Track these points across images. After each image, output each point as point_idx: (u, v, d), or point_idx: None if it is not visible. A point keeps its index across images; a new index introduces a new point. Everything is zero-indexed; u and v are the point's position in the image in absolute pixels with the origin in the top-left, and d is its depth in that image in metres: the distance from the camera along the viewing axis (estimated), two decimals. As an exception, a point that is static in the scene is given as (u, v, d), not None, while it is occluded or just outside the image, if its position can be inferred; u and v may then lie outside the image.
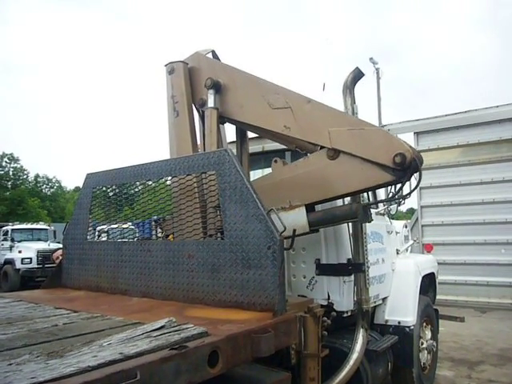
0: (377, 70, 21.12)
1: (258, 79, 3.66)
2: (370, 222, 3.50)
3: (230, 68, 3.85)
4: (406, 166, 2.89)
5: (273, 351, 2.27)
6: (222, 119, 3.95)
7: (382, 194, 5.41)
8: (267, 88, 3.55)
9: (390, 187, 4.95)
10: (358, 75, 3.50)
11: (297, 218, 3.27)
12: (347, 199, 3.71)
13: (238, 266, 2.72)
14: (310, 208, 3.34)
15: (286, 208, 3.32)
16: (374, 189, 3.22)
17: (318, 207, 3.52)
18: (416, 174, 3.04)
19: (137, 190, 3.92)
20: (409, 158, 2.87)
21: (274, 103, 3.46)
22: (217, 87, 3.75)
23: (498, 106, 10.37)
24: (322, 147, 3.29)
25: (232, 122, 4.00)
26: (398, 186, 3.17)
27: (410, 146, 3.00)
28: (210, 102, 3.74)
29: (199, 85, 3.92)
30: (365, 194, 4.40)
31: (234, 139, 4.30)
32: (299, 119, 3.35)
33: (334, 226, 3.63)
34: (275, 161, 3.55)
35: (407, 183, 3.16)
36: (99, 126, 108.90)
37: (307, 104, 3.34)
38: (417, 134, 11.22)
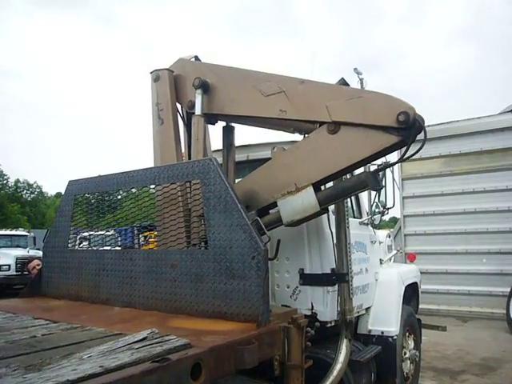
0: (361, 80, 21.28)
1: (247, 71, 3.65)
2: (381, 188, 3.39)
3: (216, 66, 3.85)
4: (410, 124, 2.87)
5: (256, 363, 2.25)
6: (214, 119, 3.94)
7: (365, 200, 5.45)
8: (257, 77, 3.54)
9: (374, 197, 5.05)
10: (343, 85, 3.52)
11: (305, 199, 3.20)
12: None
13: (221, 276, 2.69)
14: (317, 189, 3.27)
15: (293, 191, 3.25)
16: (380, 154, 3.14)
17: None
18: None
19: (120, 197, 3.88)
20: (412, 115, 2.86)
21: (266, 91, 3.44)
22: (205, 87, 3.72)
23: (479, 118, 10.55)
24: (321, 124, 3.24)
25: (224, 118, 3.98)
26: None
27: None
28: (198, 103, 3.71)
29: (187, 88, 3.91)
30: (349, 203, 4.43)
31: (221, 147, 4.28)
32: (294, 100, 3.32)
33: (345, 199, 3.56)
34: (274, 148, 3.51)
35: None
36: (82, 130, 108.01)
37: (301, 84, 3.32)
38: (400, 144, 11.32)
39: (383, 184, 3.39)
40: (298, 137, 4.15)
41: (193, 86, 3.74)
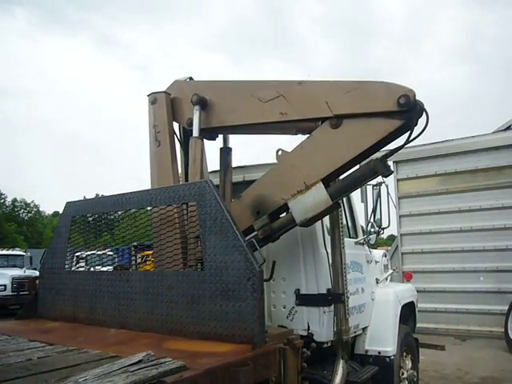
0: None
1: (243, 82, 3.74)
2: (391, 173, 3.37)
3: (212, 81, 3.94)
4: (411, 106, 2.91)
5: (252, 385, 2.25)
6: (214, 133, 4.01)
7: (361, 219, 5.48)
8: (254, 86, 3.61)
9: (370, 216, 5.08)
10: None
11: (317, 195, 3.19)
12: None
13: (217, 298, 2.71)
14: (328, 184, 3.27)
15: (303, 190, 3.24)
16: (386, 141, 3.15)
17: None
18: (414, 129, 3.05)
19: (117, 215, 3.90)
20: (413, 97, 2.91)
21: (264, 97, 3.50)
22: (203, 102, 3.78)
23: (473, 137, 10.64)
24: (323, 121, 3.27)
25: (225, 130, 4.03)
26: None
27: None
28: (196, 120, 3.76)
29: (185, 107, 3.97)
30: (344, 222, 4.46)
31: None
32: (293, 102, 3.37)
33: (357, 188, 3.55)
34: (278, 151, 3.50)
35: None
36: (80, 150, 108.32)
37: (298, 86, 3.38)
38: (396, 162, 11.40)
39: (392, 170, 3.37)
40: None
41: (191, 103, 3.80)
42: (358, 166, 3.42)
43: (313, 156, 3.29)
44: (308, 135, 3.45)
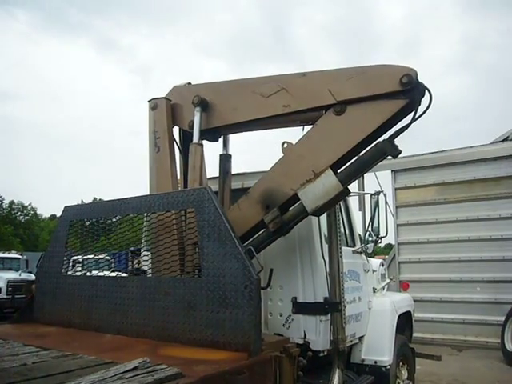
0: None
1: (243, 80, 3.75)
2: (400, 152, 3.33)
3: (211, 84, 3.96)
4: (414, 84, 2.95)
5: (247, 393, 2.24)
6: (217, 134, 4.02)
7: (359, 227, 5.48)
8: (255, 82, 3.63)
9: (368, 225, 5.09)
10: None
11: (326, 182, 3.17)
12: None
13: (214, 305, 2.70)
14: (337, 170, 3.26)
15: (312, 178, 3.22)
16: (391, 122, 3.14)
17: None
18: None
19: (114, 220, 3.89)
20: (415, 76, 2.94)
21: (266, 92, 3.52)
22: (204, 104, 3.80)
23: (472, 147, 10.68)
24: (327, 109, 3.29)
25: (227, 130, 4.02)
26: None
27: None
28: (197, 122, 3.77)
29: (186, 111, 3.99)
30: (342, 230, 4.46)
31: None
32: (296, 93, 3.39)
33: (367, 171, 3.54)
34: (283, 144, 3.45)
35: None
36: (79, 153, 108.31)
37: (300, 78, 3.41)
38: (394, 171, 11.44)
39: (400, 149, 3.33)
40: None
41: (192, 104, 3.81)
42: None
43: (319, 144, 3.28)
44: (312, 125, 3.45)
